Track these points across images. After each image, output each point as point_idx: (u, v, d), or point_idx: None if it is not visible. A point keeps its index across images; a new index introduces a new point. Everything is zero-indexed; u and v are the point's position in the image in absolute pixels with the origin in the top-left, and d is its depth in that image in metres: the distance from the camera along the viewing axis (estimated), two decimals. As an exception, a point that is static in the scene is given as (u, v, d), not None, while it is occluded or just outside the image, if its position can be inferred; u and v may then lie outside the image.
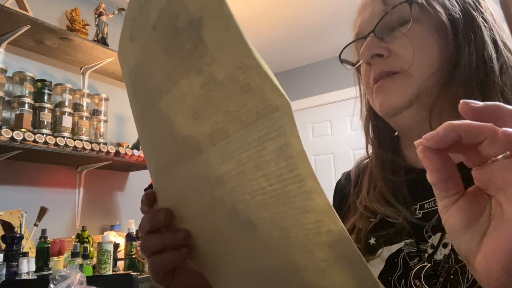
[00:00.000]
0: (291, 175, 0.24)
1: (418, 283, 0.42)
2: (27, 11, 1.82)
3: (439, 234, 0.44)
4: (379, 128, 0.56)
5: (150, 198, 0.42)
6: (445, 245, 0.43)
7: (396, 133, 0.56)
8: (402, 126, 0.50)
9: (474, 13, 0.47)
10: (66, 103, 1.97)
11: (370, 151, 0.57)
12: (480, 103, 0.25)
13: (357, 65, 0.56)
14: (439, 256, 0.42)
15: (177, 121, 0.32)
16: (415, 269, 0.43)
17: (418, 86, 0.46)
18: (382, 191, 0.51)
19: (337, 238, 0.24)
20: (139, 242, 1.89)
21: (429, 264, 0.43)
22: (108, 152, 2.02)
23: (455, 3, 0.47)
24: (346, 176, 0.62)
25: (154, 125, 0.36)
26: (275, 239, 0.28)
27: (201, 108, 0.28)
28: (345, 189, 0.60)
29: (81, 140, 1.92)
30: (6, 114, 1.79)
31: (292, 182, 0.24)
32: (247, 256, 0.33)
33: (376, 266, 0.46)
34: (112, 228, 2.15)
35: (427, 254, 0.43)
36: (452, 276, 0.40)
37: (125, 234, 1.96)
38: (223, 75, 0.25)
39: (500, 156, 0.23)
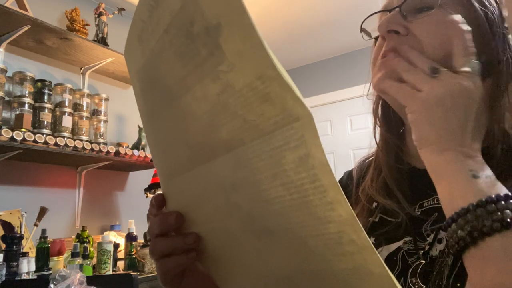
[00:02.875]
0: (312, 185, 0.24)
1: (414, 281, 0.43)
2: (27, 11, 1.82)
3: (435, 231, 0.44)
4: (387, 110, 0.56)
5: (159, 201, 0.41)
6: (440, 241, 0.43)
7: (402, 130, 0.56)
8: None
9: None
10: (66, 103, 1.97)
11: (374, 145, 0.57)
12: None
13: (374, 37, 0.54)
14: (434, 252, 0.43)
15: (190, 126, 0.31)
16: (413, 267, 0.44)
17: None
18: (386, 178, 0.51)
19: (359, 248, 0.23)
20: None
21: (425, 261, 0.43)
22: (108, 152, 2.02)
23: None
24: (348, 175, 0.62)
25: (165, 129, 0.36)
26: (292, 247, 0.28)
27: (216, 115, 0.28)
28: (347, 188, 0.60)
29: (81, 140, 1.92)
30: (6, 114, 1.79)
31: (313, 192, 0.24)
32: (261, 263, 0.32)
33: None
34: (112, 228, 2.15)
35: (422, 251, 0.44)
36: (443, 269, 0.41)
37: (125, 234, 1.96)
38: (241, 83, 0.25)
39: None
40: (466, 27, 0.42)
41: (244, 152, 0.27)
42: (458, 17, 0.43)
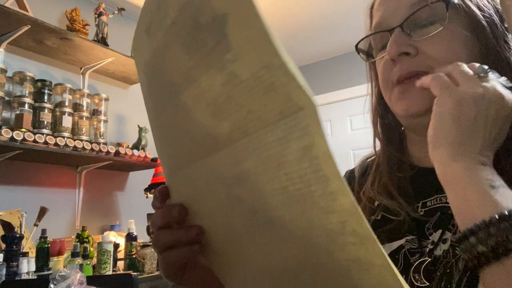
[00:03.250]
0: (315, 175, 0.24)
1: (417, 277, 0.43)
2: (27, 11, 1.82)
3: (440, 231, 0.44)
4: (387, 123, 0.56)
5: (163, 193, 0.41)
6: (444, 241, 0.43)
7: (402, 128, 0.56)
8: (419, 126, 0.49)
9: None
10: (66, 103, 1.97)
11: (376, 147, 0.57)
12: None
13: (374, 58, 0.53)
14: (438, 251, 0.43)
15: (194, 118, 0.31)
16: (415, 264, 0.44)
17: None
18: (387, 185, 0.51)
19: (362, 239, 0.23)
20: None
21: (429, 259, 0.43)
22: (108, 152, 2.02)
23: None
24: (350, 173, 0.62)
25: (169, 121, 0.35)
26: (295, 238, 0.28)
27: (221, 106, 0.28)
28: (348, 186, 0.60)
29: (81, 140, 1.92)
30: (6, 114, 1.79)
31: (316, 182, 0.24)
32: (263, 255, 0.32)
33: None
34: (112, 228, 2.15)
35: (427, 249, 0.44)
36: (448, 270, 0.41)
37: (125, 234, 1.96)
38: (247, 73, 0.25)
39: None
40: None
41: (247, 143, 0.27)
42: None
